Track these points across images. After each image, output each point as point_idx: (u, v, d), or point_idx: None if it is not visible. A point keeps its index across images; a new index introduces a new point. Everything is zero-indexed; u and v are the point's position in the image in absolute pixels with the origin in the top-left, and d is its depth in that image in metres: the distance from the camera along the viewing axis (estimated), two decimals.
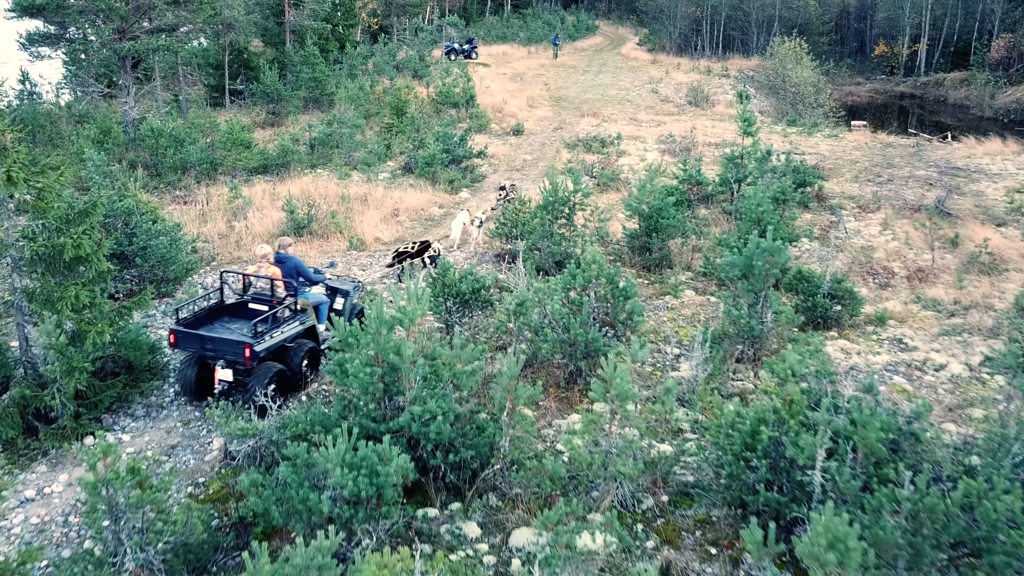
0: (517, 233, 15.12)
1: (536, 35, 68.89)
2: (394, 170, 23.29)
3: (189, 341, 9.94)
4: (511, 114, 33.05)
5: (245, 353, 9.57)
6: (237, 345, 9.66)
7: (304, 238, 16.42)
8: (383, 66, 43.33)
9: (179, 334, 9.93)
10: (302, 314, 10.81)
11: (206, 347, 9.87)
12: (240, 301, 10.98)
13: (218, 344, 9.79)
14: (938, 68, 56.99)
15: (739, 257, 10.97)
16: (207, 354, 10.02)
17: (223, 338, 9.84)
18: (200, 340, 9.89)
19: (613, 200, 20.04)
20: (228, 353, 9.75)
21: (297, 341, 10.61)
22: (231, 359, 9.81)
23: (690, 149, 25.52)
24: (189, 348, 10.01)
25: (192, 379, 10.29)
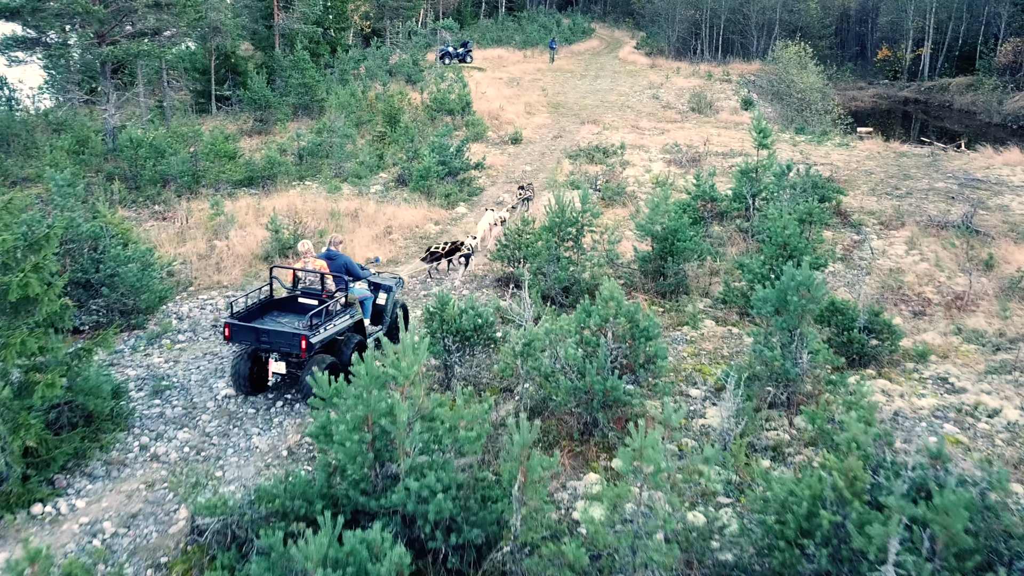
0: (520, 256, 14.03)
1: (532, 38, 67.87)
2: (387, 182, 22.19)
3: (244, 334, 10.03)
4: (508, 121, 31.97)
5: (301, 345, 9.72)
6: (293, 337, 9.78)
7: (289, 258, 15.28)
8: (375, 71, 42.22)
9: (234, 327, 10.00)
10: (351, 308, 10.93)
11: (261, 340, 9.99)
12: (289, 296, 11.13)
13: (273, 336, 9.93)
14: (942, 73, 56.15)
15: (771, 291, 9.89)
16: (262, 347, 10.13)
17: (279, 331, 9.97)
18: (255, 333, 10.00)
19: (620, 215, 18.98)
20: (284, 345, 9.89)
21: (346, 334, 10.75)
22: (286, 351, 9.99)
23: (697, 160, 24.47)
24: (243, 341, 10.10)
25: (246, 374, 10.33)
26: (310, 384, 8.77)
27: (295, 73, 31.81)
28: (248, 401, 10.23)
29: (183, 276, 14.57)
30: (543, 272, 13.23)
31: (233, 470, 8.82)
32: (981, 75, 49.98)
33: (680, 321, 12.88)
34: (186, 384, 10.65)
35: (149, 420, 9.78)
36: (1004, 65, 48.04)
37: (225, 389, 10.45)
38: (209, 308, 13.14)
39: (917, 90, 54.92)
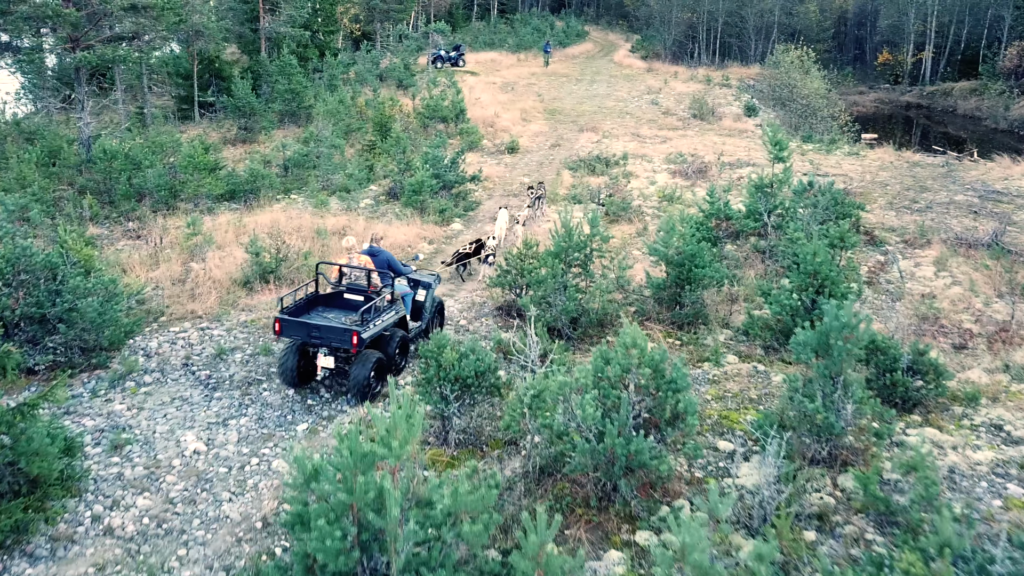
0: (523, 283, 12.89)
1: (525, 42, 66.86)
2: (377, 196, 21.03)
3: (294, 329, 10.22)
4: (504, 129, 30.87)
5: (352, 340, 9.91)
6: (344, 332, 9.99)
7: (271, 284, 14.11)
8: (365, 75, 41.10)
9: (284, 322, 10.21)
10: (395, 304, 11.12)
11: (312, 335, 10.16)
12: (335, 291, 11.34)
13: (324, 331, 10.11)
14: (945, 77, 55.34)
15: (811, 334, 8.77)
16: (312, 341, 10.26)
17: (330, 325, 10.20)
18: (306, 328, 10.18)
19: (627, 232, 17.88)
20: (335, 340, 10.07)
21: (391, 330, 10.98)
22: (336, 346, 10.18)
23: (704, 171, 23.40)
24: (294, 336, 10.28)
25: (293, 368, 10.45)
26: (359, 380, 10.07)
27: (281, 78, 30.65)
28: (219, 459, 9.06)
29: (155, 304, 13.38)
30: (548, 301, 12.08)
31: (198, 548, 7.65)
32: (985, 79, 49.15)
33: (700, 356, 11.76)
34: (150, 437, 9.47)
35: (105, 483, 8.61)
36: (1009, 69, 47.18)
37: (194, 443, 9.28)
38: (181, 343, 11.95)
39: (919, 95, 54.07)
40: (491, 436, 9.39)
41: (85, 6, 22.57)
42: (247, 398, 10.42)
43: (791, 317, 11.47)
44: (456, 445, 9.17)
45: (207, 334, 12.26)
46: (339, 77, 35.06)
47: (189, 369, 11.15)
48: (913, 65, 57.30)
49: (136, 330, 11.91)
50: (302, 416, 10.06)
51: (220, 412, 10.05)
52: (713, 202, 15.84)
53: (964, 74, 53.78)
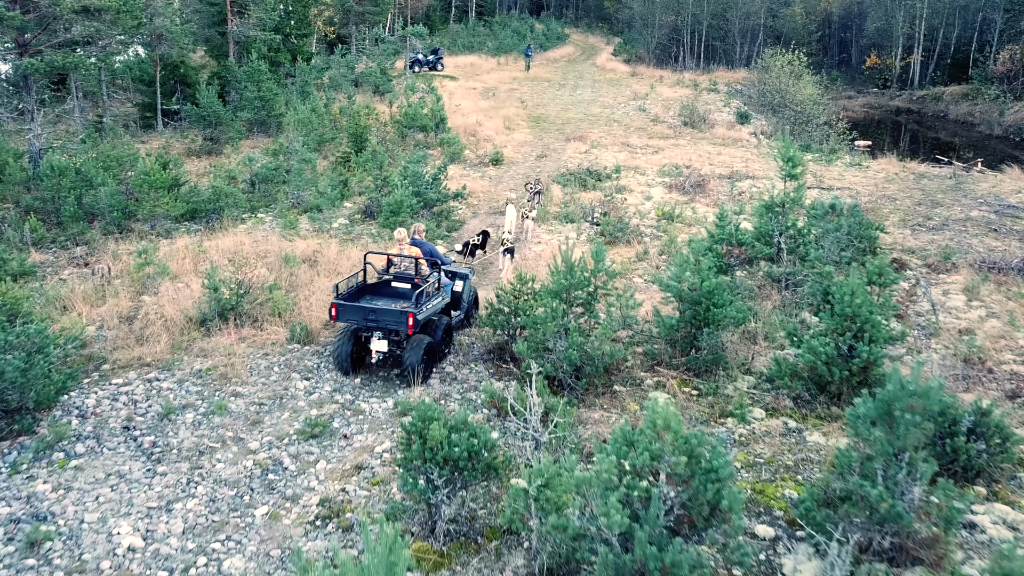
0: (517, 323, 11.42)
1: (505, 45, 65.53)
2: (352, 214, 19.49)
3: (351, 313, 10.76)
4: (487, 138, 29.41)
5: (408, 322, 10.39)
6: (401, 315, 10.47)
7: (231, 324, 12.54)
8: (340, 80, 39.49)
9: (341, 307, 10.74)
10: (440, 291, 11.73)
11: (368, 318, 10.67)
12: (381, 280, 12.01)
13: (381, 314, 10.61)
14: (934, 81, 54.53)
15: (871, 404, 7.37)
16: (368, 324, 10.74)
17: (387, 308, 10.73)
18: (363, 311, 10.71)
19: (625, 255, 16.46)
20: (391, 323, 10.54)
21: (437, 316, 11.55)
22: (391, 329, 10.73)
23: (703, 185, 22.05)
24: (350, 320, 10.80)
25: (348, 354, 11.00)
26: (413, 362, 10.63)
27: (250, 85, 29.02)
28: (159, 558, 7.51)
29: (97, 348, 11.78)
30: (548, 347, 10.62)
31: None
32: (977, 84, 48.31)
33: (722, 410, 10.34)
34: (76, 528, 7.90)
35: None
36: (1001, 74, 46.37)
37: (130, 537, 7.72)
38: (123, 399, 10.37)
39: (909, 99, 53.23)
40: (487, 524, 7.91)
41: (33, 8, 20.89)
42: (196, 473, 8.86)
43: (826, 365, 10.10)
44: (445, 537, 7.68)
45: (155, 387, 10.68)
46: (312, 83, 33.42)
47: (130, 434, 9.57)
48: (902, 69, 56.47)
49: (71, 384, 10.29)
50: (261, 496, 8.53)
51: (163, 493, 8.48)
52: (723, 226, 14.44)
53: (954, 78, 52.99)
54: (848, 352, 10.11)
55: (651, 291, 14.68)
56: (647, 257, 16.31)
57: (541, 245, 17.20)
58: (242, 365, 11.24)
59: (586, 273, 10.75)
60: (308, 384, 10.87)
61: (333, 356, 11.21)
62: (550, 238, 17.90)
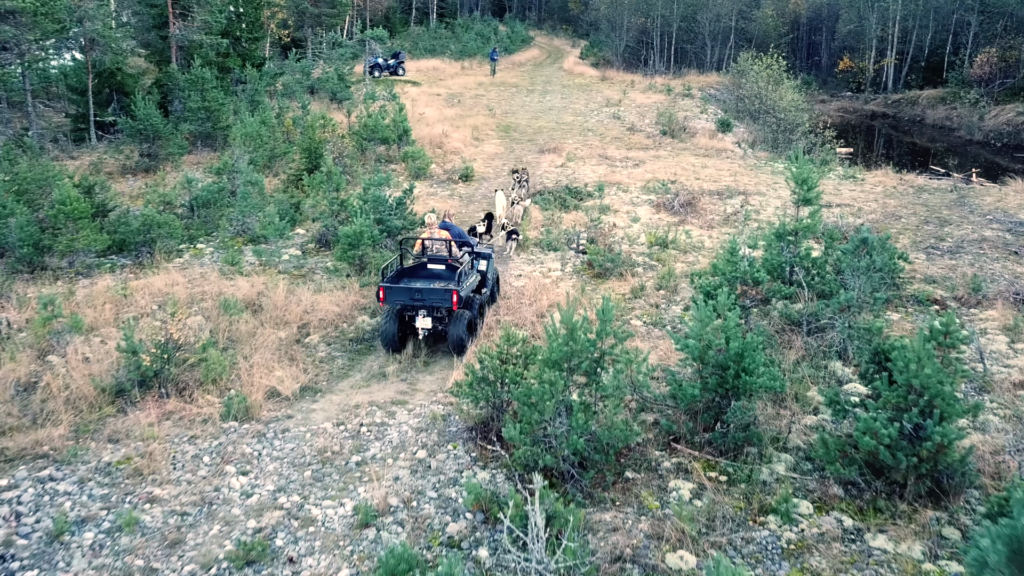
0: (505, 397, 9.39)
1: (469, 48, 63.51)
2: (305, 243, 17.34)
3: (398, 294, 11.64)
4: (454, 151, 27.37)
5: (453, 299, 11.35)
6: (445, 293, 11.45)
7: (154, 394, 10.36)
8: (294, 87, 37.19)
9: (388, 290, 11.58)
10: (473, 271, 12.69)
11: (414, 297, 11.59)
12: (418, 263, 12.62)
13: (426, 293, 11.56)
14: (908, 84, 53.54)
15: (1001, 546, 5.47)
16: (414, 303, 11.61)
17: (432, 287, 11.69)
18: (409, 292, 11.63)
19: (618, 291, 14.52)
20: (436, 300, 11.52)
21: (473, 293, 12.49)
22: (435, 307, 11.65)
23: (693, 204, 20.21)
24: (398, 301, 11.68)
25: (394, 333, 11.78)
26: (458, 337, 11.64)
27: (193, 94, 26.65)
28: None
29: None
30: (545, 433, 8.59)
31: None
32: (954, 87, 47.31)
33: (761, 504, 8.41)
34: None
35: None
36: (979, 77, 45.37)
37: None
38: (3, 513, 8.14)
39: (884, 103, 52.16)
40: None
41: None
42: None
43: (889, 450, 8.23)
44: None
45: (48, 490, 8.47)
46: (263, 91, 31.06)
47: (5, 567, 7.37)
48: (875, 72, 55.45)
49: None
50: None
51: None
52: (735, 261, 12.56)
53: (929, 81, 52.04)
54: (914, 432, 8.25)
55: (652, 336, 12.77)
56: (644, 294, 14.38)
57: (522, 279, 15.20)
58: (163, 455, 9.06)
59: (590, 335, 8.75)
60: (245, 481, 8.72)
61: (380, 336, 11.99)
62: (531, 269, 15.91)
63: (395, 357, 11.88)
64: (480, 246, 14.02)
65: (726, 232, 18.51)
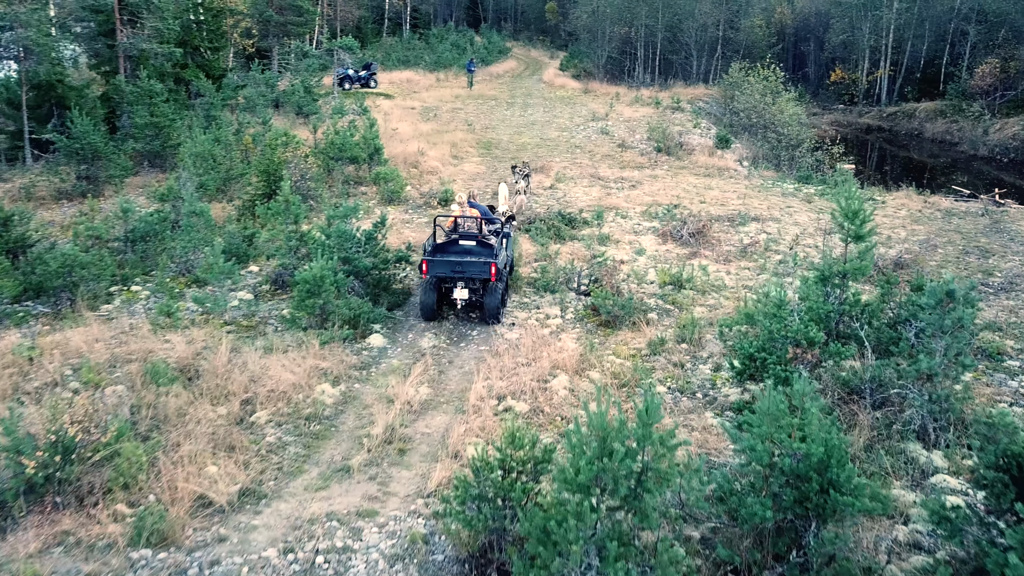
0: (505, 515, 7.07)
1: (444, 59, 61.37)
2: (258, 284, 14.95)
3: (439, 267, 12.77)
4: (431, 170, 25.10)
5: (491, 270, 12.57)
6: (485, 264, 12.59)
7: (45, 504, 7.95)
8: (257, 101, 34.75)
9: (430, 262, 12.75)
10: (504, 245, 13.83)
11: (455, 269, 12.71)
12: (449, 240, 13.31)
13: (467, 265, 12.66)
14: (905, 97, 52.00)
15: None
16: (455, 275, 12.77)
17: (471, 260, 12.71)
18: (450, 264, 12.72)
19: (632, 346, 12.26)
20: (475, 272, 12.66)
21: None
22: (472, 277, 12.77)
23: (702, 232, 18.06)
24: (439, 273, 12.82)
25: (433, 302, 13.10)
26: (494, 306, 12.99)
27: (140, 108, 24.18)
28: None
29: None
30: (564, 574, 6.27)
31: None
32: (955, 100, 45.75)
33: None
34: None
35: None
36: (981, 89, 43.83)
37: None
38: None
39: (879, 116, 50.59)
40: None
41: None
42: None
43: None
44: None
45: None
46: (221, 105, 28.58)
47: None
48: (869, 84, 53.93)
49: None
50: None
51: None
52: (782, 316, 10.34)
53: (925, 93, 50.54)
54: None
55: (680, 407, 10.52)
56: (664, 349, 12.12)
57: (516, 330, 12.92)
58: None
59: (630, 445, 6.45)
60: None
61: (420, 305, 13.25)
62: (526, 316, 13.62)
63: (358, 446, 9.50)
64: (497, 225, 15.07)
65: (745, 266, 16.35)
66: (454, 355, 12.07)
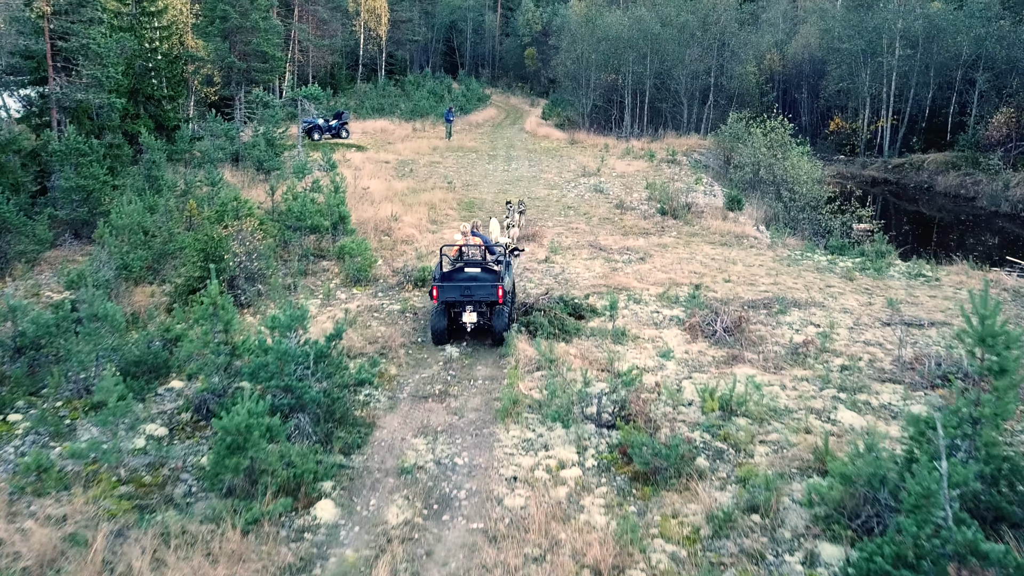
0: None
1: (421, 107, 58.65)
2: (176, 412, 11.48)
3: (449, 291, 13.64)
4: (406, 238, 21.85)
5: (498, 292, 13.56)
6: (492, 287, 13.57)
7: None
8: (213, 155, 31.49)
9: (440, 287, 13.63)
10: (508, 271, 14.76)
11: (464, 293, 13.59)
12: (456, 268, 14.05)
13: (475, 288, 13.60)
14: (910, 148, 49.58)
15: None
16: (464, 299, 13.61)
17: (480, 284, 13.61)
18: (460, 288, 13.61)
19: (685, 518, 8.86)
20: (483, 295, 13.60)
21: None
22: (479, 301, 13.70)
23: (739, 326, 14.81)
24: (449, 297, 13.66)
25: (444, 327, 13.84)
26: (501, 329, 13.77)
27: (67, 169, 20.82)
28: None
29: None
30: None
31: None
32: (966, 151, 43.29)
33: None
34: None
35: None
36: (996, 140, 41.38)
37: None
38: None
39: (884, 168, 48.07)
40: None
41: None
42: None
43: None
44: None
45: None
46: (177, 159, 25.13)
47: None
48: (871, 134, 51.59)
49: None
50: None
51: None
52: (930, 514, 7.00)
53: (932, 144, 48.18)
54: None
55: None
56: (730, 526, 8.72)
57: (518, 491, 9.49)
58: None
59: None
60: None
61: (431, 329, 14.00)
62: (531, 461, 10.21)
63: None
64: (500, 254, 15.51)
65: (801, 376, 13.07)
66: (434, 538, 8.60)
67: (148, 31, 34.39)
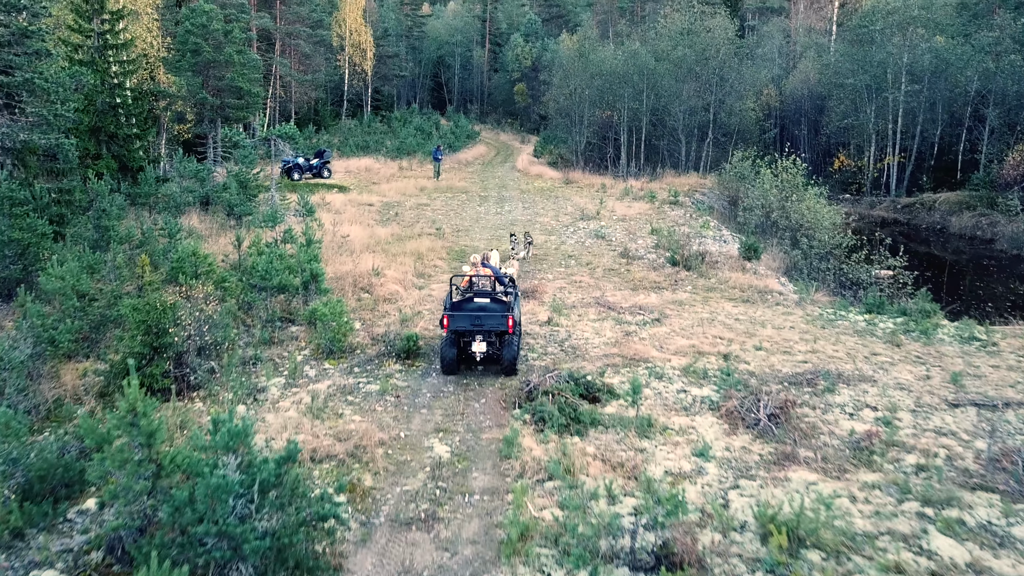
0: None
1: (407, 145, 56.48)
2: (83, 550, 8.92)
3: (460, 321, 13.74)
4: (389, 296, 19.41)
5: (508, 321, 13.65)
6: (502, 317, 13.68)
7: None
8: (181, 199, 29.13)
9: (451, 316, 13.71)
10: (517, 301, 15.05)
11: (474, 323, 13.72)
12: (465, 298, 14.25)
13: (485, 318, 13.70)
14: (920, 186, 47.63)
15: None
16: (474, 328, 13.74)
17: (489, 313, 13.75)
18: (470, 317, 13.72)
19: None
20: (493, 324, 13.70)
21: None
22: (488, 331, 13.78)
23: (785, 412, 12.38)
24: (460, 326, 13.76)
25: (454, 356, 14.00)
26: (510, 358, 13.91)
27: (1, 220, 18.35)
28: None
29: None
30: None
31: None
32: (979, 190, 41.36)
33: None
34: None
35: None
36: (1013, 179, 39.42)
37: None
38: None
39: (893, 208, 46.05)
40: None
41: None
42: None
43: None
44: None
45: None
46: (117, 211, 22.65)
47: None
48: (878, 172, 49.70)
49: None
50: None
51: None
52: None
53: (942, 183, 46.24)
54: None
55: None
56: None
57: None
58: None
59: None
60: None
61: (440, 359, 14.10)
62: None
63: None
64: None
65: (873, 482, 10.63)
66: None
67: (113, 65, 32.10)
